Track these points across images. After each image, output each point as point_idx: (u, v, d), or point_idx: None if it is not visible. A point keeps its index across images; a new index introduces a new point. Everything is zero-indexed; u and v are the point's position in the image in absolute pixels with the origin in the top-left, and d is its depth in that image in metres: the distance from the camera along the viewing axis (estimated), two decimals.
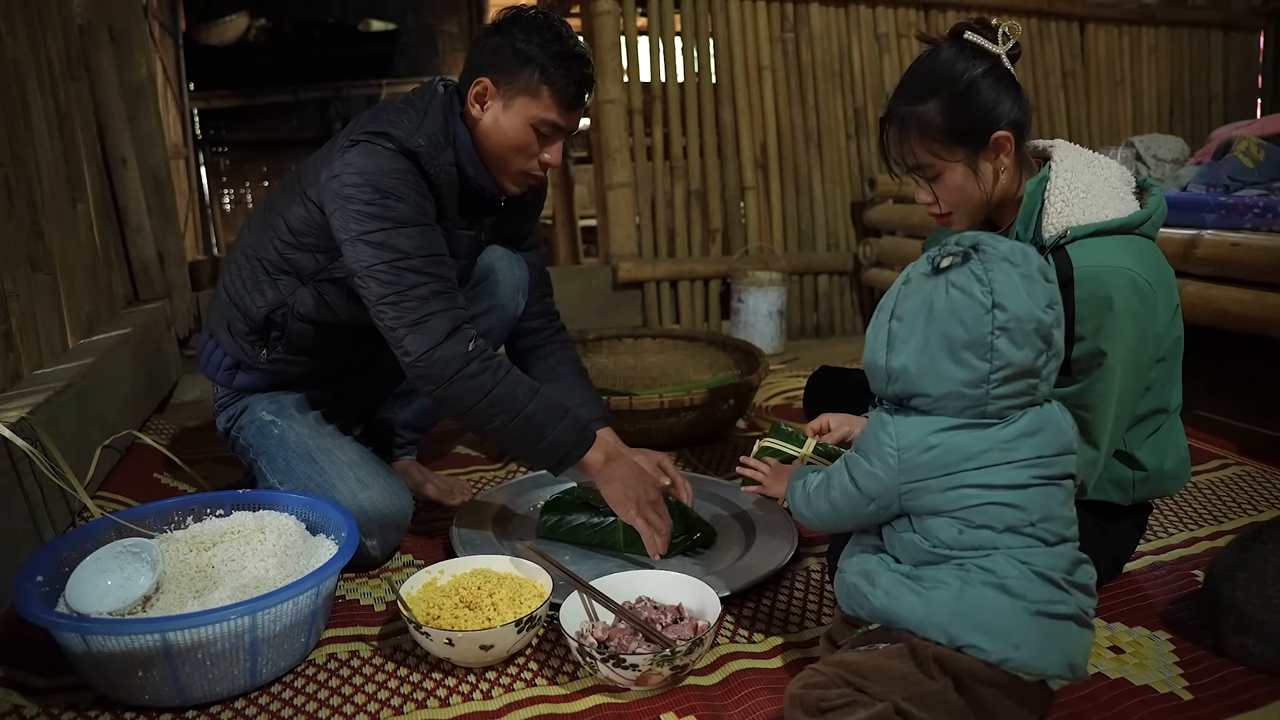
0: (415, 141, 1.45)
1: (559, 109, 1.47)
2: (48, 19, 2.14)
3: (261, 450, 1.62)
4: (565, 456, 1.47)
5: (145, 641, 1.09)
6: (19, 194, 1.80)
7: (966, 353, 0.99)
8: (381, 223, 1.41)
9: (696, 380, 2.53)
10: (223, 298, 1.67)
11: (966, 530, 1.02)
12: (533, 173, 1.54)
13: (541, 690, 1.21)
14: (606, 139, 3.24)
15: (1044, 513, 1.02)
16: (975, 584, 0.99)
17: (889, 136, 1.30)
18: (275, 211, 1.58)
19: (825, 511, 1.13)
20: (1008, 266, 0.99)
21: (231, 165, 5.92)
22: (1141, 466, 1.34)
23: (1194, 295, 2.12)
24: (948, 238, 1.07)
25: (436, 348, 1.39)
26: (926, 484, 1.02)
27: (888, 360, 1.05)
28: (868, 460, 1.06)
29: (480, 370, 1.40)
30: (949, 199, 1.30)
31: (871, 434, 1.07)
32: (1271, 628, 1.19)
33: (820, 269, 3.53)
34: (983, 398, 1.00)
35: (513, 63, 1.45)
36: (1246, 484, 1.88)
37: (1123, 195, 1.27)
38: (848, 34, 3.50)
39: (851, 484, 1.08)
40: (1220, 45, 4.27)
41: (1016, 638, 0.97)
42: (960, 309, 0.99)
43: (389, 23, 5.59)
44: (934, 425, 1.02)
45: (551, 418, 1.44)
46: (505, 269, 1.74)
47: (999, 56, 1.24)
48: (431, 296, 1.41)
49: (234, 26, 5.14)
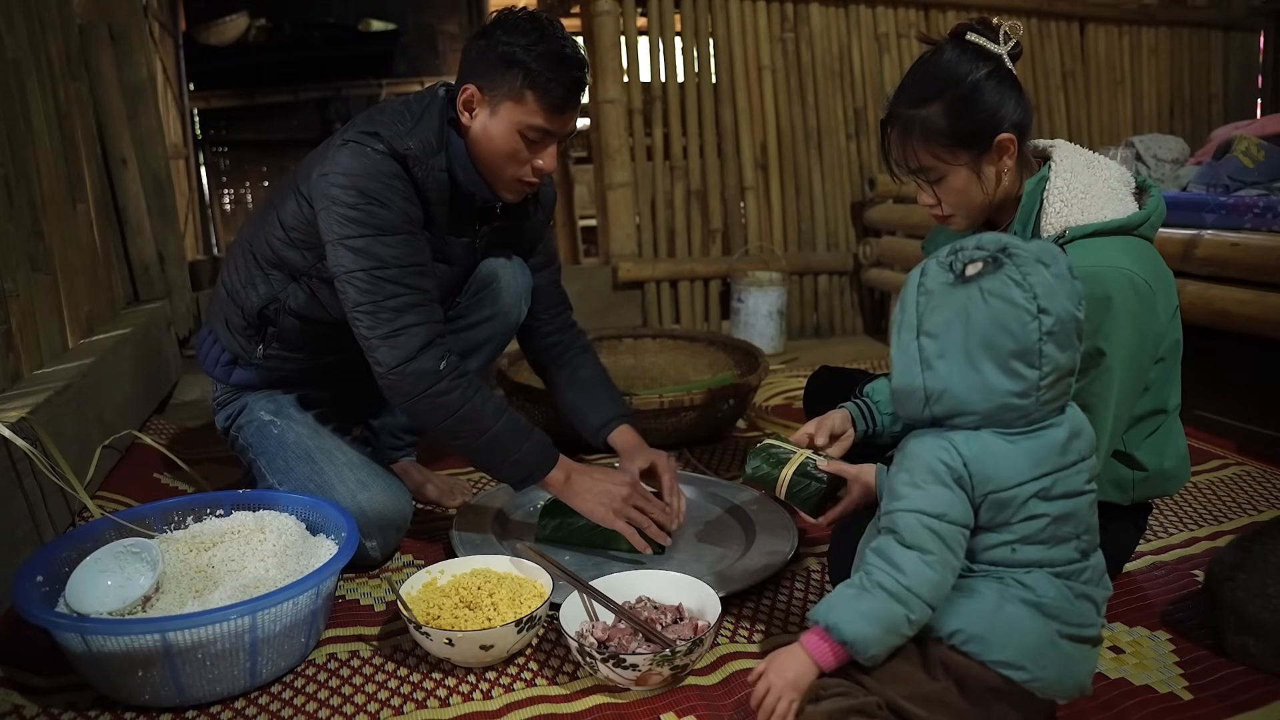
0: (405, 144, 1.44)
1: (545, 113, 1.43)
2: (48, 19, 2.14)
3: (261, 450, 1.62)
4: (528, 475, 1.49)
5: (145, 641, 1.09)
6: (19, 194, 1.80)
7: (1016, 362, 0.95)
8: (363, 228, 1.40)
9: (696, 380, 2.54)
10: (222, 292, 1.67)
11: (1020, 549, 0.99)
12: (527, 179, 1.50)
13: (541, 690, 1.21)
14: (606, 139, 3.24)
15: (1087, 523, 1.01)
16: (1012, 599, 0.98)
17: (890, 139, 1.29)
18: (273, 207, 1.58)
19: (925, 581, 0.96)
20: (1041, 268, 0.96)
21: (231, 165, 5.91)
22: (1141, 466, 1.34)
23: (1194, 295, 2.12)
24: (955, 240, 1.05)
25: (408, 362, 1.39)
26: (993, 499, 0.97)
27: (925, 381, 0.98)
28: (937, 487, 0.97)
29: (450, 389, 1.41)
30: (952, 201, 1.29)
31: (926, 458, 0.98)
32: (1271, 628, 1.19)
33: (820, 269, 3.53)
34: (1032, 406, 0.96)
35: (497, 67, 1.41)
36: (1246, 484, 1.88)
37: (1122, 196, 1.27)
38: (848, 34, 3.50)
39: (927, 531, 0.96)
40: (1220, 45, 4.27)
41: (1044, 660, 0.98)
42: (1004, 317, 0.94)
43: (389, 23, 5.59)
44: (993, 435, 0.98)
45: (516, 438, 1.46)
46: (508, 276, 1.73)
47: (1001, 58, 1.24)
48: (407, 309, 1.41)
49: (234, 26, 5.14)
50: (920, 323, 0.99)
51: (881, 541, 1.00)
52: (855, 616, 0.97)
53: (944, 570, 0.96)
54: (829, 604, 1.00)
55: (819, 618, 0.99)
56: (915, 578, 0.95)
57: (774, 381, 2.76)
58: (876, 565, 0.98)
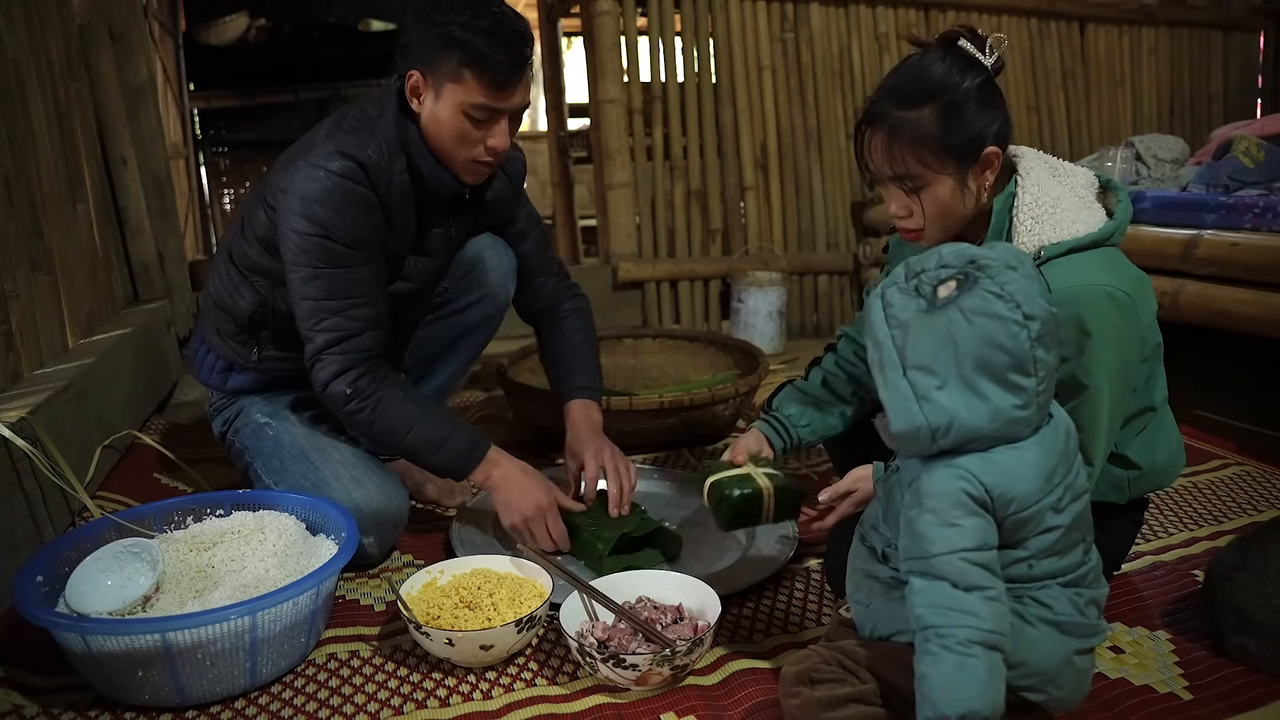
0: (366, 153, 1.44)
1: (485, 91, 1.39)
2: (48, 19, 2.13)
3: (257, 452, 1.63)
4: (455, 476, 1.54)
5: (145, 641, 1.09)
6: (19, 194, 1.80)
7: (1014, 374, 0.92)
8: (310, 257, 1.43)
9: (696, 380, 2.53)
10: (209, 302, 1.68)
11: (1036, 564, 0.97)
12: (482, 159, 1.48)
13: (541, 690, 1.21)
14: (606, 139, 3.24)
15: (1087, 522, 1.01)
16: (1033, 620, 0.97)
17: (871, 140, 1.22)
18: (247, 217, 1.59)
19: (1000, 616, 0.91)
20: (1012, 273, 0.93)
21: (231, 165, 5.90)
22: (1134, 465, 1.33)
23: (1194, 295, 2.12)
24: (915, 258, 0.99)
25: (327, 385, 1.48)
26: (1014, 519, 0.95)
27: (927, 417, 0.93)
28: (969, 519, 0.93)
29: (358, 409, 1.47)
30: (931, 213, 1.23)
31: (949, 493, 0.93)
32: (1271, 628, 1.19)
33: (820, 269, 3.53)
34: (1034, 415, 0.94)
35: (436, 49, 1.39)
36: (1246, 484, 1.88)
37: (1089, 205, 1.25)
38: (848, 34, 3.50)
39: (975, 568, 0.91)
40: (1220, 45, 4.27)
41: (1061, 680, 0.98)
42: (994, 333, 0.91)
43: (389, 23, 5.58)
44: (1004, 453, 0.94)
45: (428, 447, 1.50)
46: (493, 257, 1.75)
47: (988, 69, 1.21)
48: (337, 340, 1.47)
49: (234, 26, 5.13)
50: (903, 359, 0.94)
51: (929, 590, 0.92)
52: (980, 690, 0.88)
53: (1004, 599, 0.92)
54: (942, 693, 0.88)
55: (949, 712, 0.87)
56: (993, 619, 0.90)
57: (774, 381, 2.75)
58: (949, 623, 0.90)
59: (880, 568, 1.08)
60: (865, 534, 1.12)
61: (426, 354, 1.86)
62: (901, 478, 1.02)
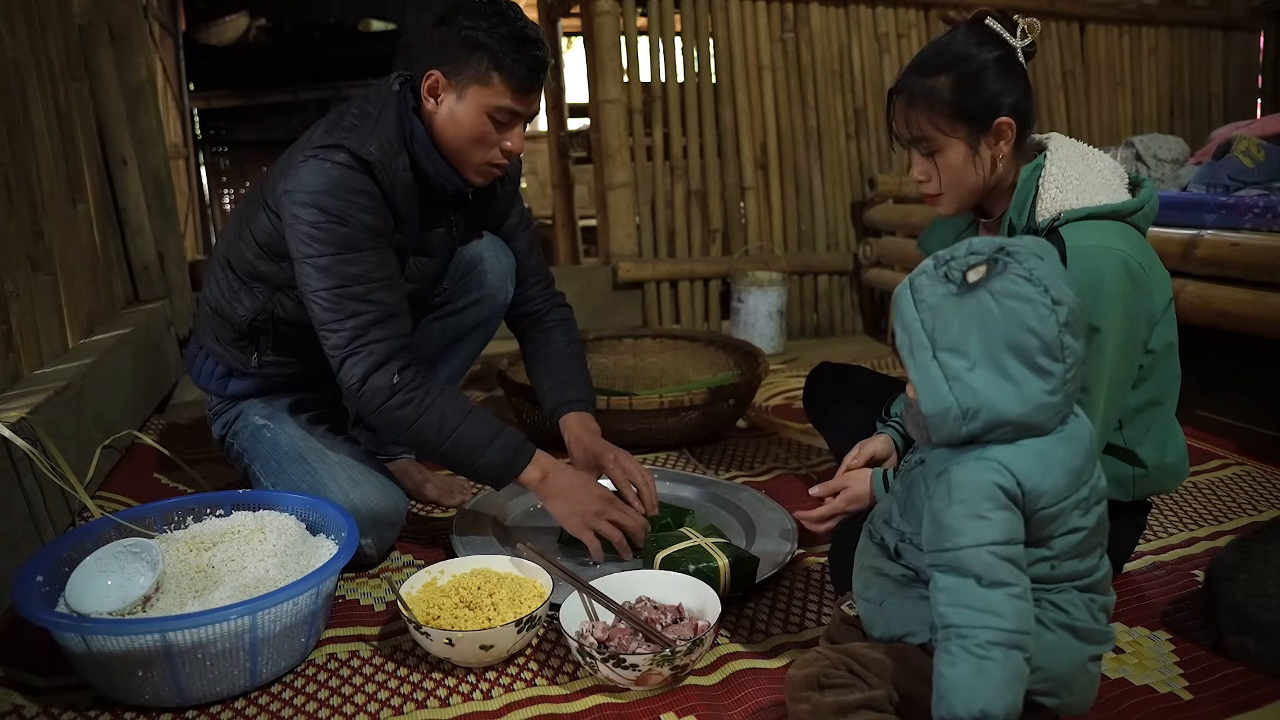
0: (368, 150, 1.44)
1: (512, 94, 1.44)
2: (48, 19, 2.13)
3: (255, 455, 1.63)
4: (500, 478, 1.50)
5: (145, 641, 1.09)
6: (19, 194, 1.80)
7: (1043, 359, 0.92)
8: (325, 247, 1.41)
9: (696, 380, 2.54)
10: (206, 309, 1.67)
11: (1059, 565, 0.97)
12: (496, 162, 1.51)
13: (541, 690, 1.21)
14: (606, 139, 3.24)
15: (1105, 528, 1.00)
16: (1050, 625, 0.97)
17: (896, 106, 1.32)
18: (244, 221, 1.58)
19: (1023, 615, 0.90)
20: (1040, 260, 0.94)
21: (231, 165, 5.91)
22: (1142, 463, 1.34)
23: (1194, 295, 2.12)
24: (950, 232, 1.05)
25: (366, 380, 1.42)
26: (1041, 514, 0.94)
27: (957, 398, 0.93)
28: (1000, 512, 0.91)
29: (404, 403, 1.43)
30: (946, 178, 1.31)
31: (980, 484, 0.92)
32: (1271, 628, 1.19)
33: (820, 269, 3.53)
34: (1062, 403, 0.94)
35: (461, 51, 1.43)
36: (1246, 484, 1.88)
37: (1115, 186, 1.29)
38: (848, 34, 3.50)
39: (1002, 563, 0.90)
40: (1220, 45, 4.27)
41: (1075, 685, 0.98)
42: (1024, 316, 0.91)
43: (389, 23, 5.59)
44: (1032, 447, 0.94)
45: (479, 444, 1.46)
46: (492, 257, 1.75)
47: (1014, 49, 1.27)
48: (368, 327, 1.43)
49: (234, 26, 5.13)
50: (933, 340, 0.95)
51: (953, 588, 0.91)
52: (996, 693, 0.87)
53: (1028, 596, 0.91)
54: (957, 694, 0.87)
55: (962, 713, 0.86)
56: (1015, 618, 0.89)
57: (774, 381, 2.76)
58: (971, 623, 0.89)
59: (891, 565, 1.07)
60: (875, 530, 1.12)
61: (424, 355, 1.86)
62: (928, 469, 1.01)
